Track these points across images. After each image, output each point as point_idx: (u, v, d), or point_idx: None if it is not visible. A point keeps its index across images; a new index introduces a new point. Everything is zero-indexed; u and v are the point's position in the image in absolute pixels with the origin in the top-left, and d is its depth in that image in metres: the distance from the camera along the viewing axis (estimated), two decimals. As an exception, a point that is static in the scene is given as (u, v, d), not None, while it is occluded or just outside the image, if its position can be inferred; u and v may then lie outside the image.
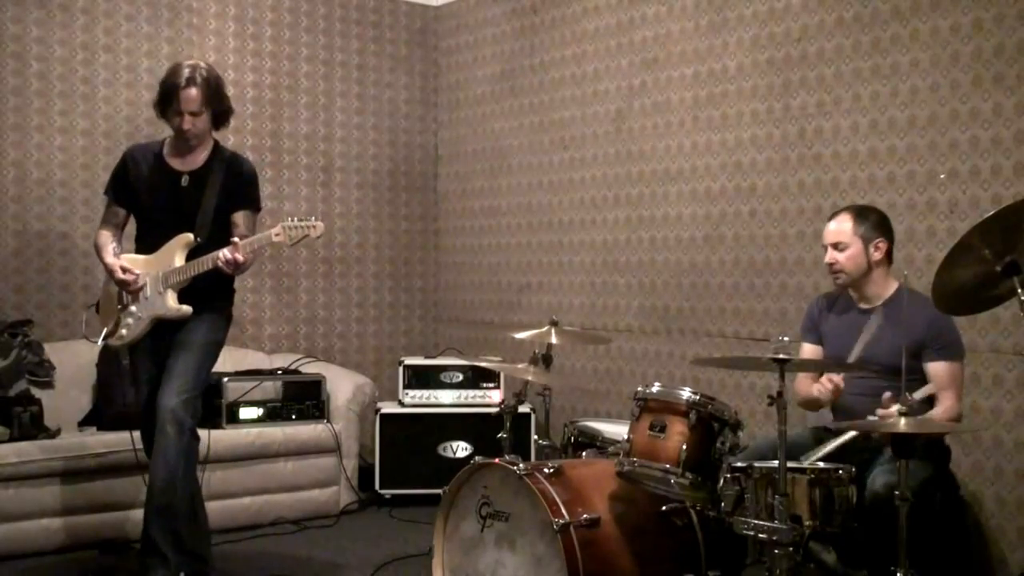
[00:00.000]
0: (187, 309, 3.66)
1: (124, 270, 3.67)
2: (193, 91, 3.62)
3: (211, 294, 3.75)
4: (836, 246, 3.46)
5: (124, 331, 3.72)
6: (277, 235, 3.61)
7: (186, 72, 3.63)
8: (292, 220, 3.63)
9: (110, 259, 3.72)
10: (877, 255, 3.43)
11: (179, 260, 3.66)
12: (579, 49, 5.33)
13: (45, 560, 4.14)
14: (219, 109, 3.74)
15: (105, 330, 3.77)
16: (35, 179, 5.00)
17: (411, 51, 6.19)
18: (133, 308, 3.72)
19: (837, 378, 3.33)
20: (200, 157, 3.77)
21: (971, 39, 3.78)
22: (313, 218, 3.66)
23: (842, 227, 3.46)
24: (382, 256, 6.11)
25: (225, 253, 3.55)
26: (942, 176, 3.85)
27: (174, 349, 3.67)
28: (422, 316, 6.27)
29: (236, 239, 3.60)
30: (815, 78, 4.26)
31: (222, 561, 4.02)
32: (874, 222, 3.46)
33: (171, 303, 3.67)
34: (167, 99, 3.66)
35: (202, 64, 3.72)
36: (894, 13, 4.00)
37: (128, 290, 3.69)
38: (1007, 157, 3.70)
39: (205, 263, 3.61)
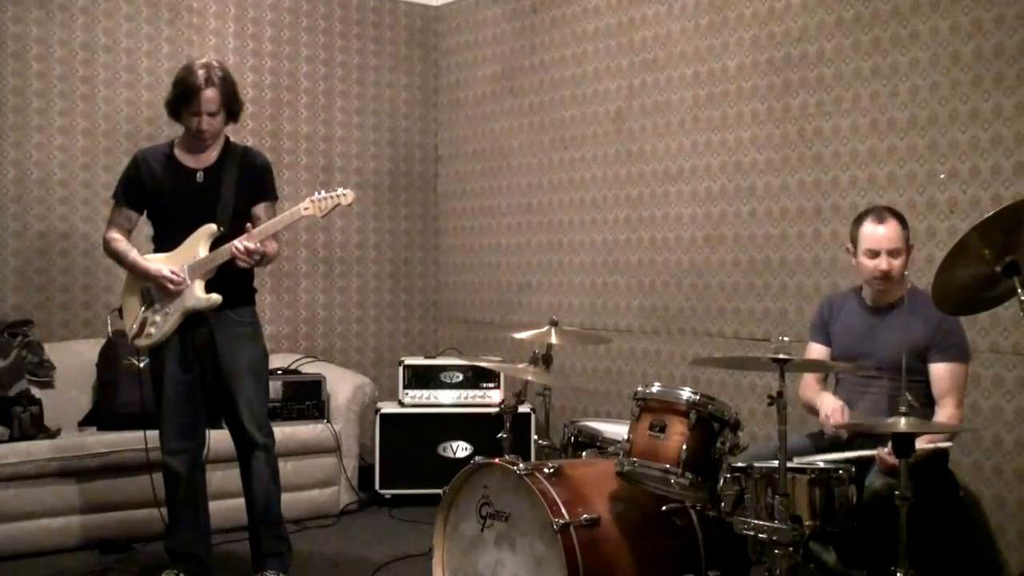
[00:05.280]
0: (216, 298, 3.65)
1: (174, 273, 3.65)
2: (211, 92, 3.62)
3: (239, 290, 3.75)
4: (892, 253, 3.36)
5: (152, 330, 3.70)
6: (306, 208, 3.64)
7: (202, 73, 3.62)
8: (320, 192, 3.67)
9: (153, 266, 3.68)
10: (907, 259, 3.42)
11: (203, 251, 3.65)
12: (579, 49, 5.33)
13: (45, 560, 4.14)
14: (233, 107, 3.75)
15: (133, 329, 3.75)
16: (35, 179, 5.00)
17: (411, 51, 6.20)
18: (159, 305, 3.70)
19: (845, 419, 3.29)
20: (213, 153, 3.77)
21: (971, 39, 3.78)
22: (342, 188, 3.68)
23: (897, 233, 3.36)
24: (382, 256, 6.11)
25: (237, 245, 3.56)
26: (942, 176, 3.85)
27: (232, 379, 3.71)
28: (422, 316, 6.28)
29: (249, 226, 3.62)
30: (815, 78, 4.26)
31: (222, 561, 4.03)
32: (907, 225, 3.42)
33: (200, 293, 3.65)
34: (184, 100, 3.64)
35: (215, 63, 3.71)
36: (894, 13, 4.01)
37: (176, 289, 3.66)
38: (1007, 157, 3.70)
39: (228, 251, 3.61)
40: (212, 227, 3.66)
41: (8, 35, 4.94)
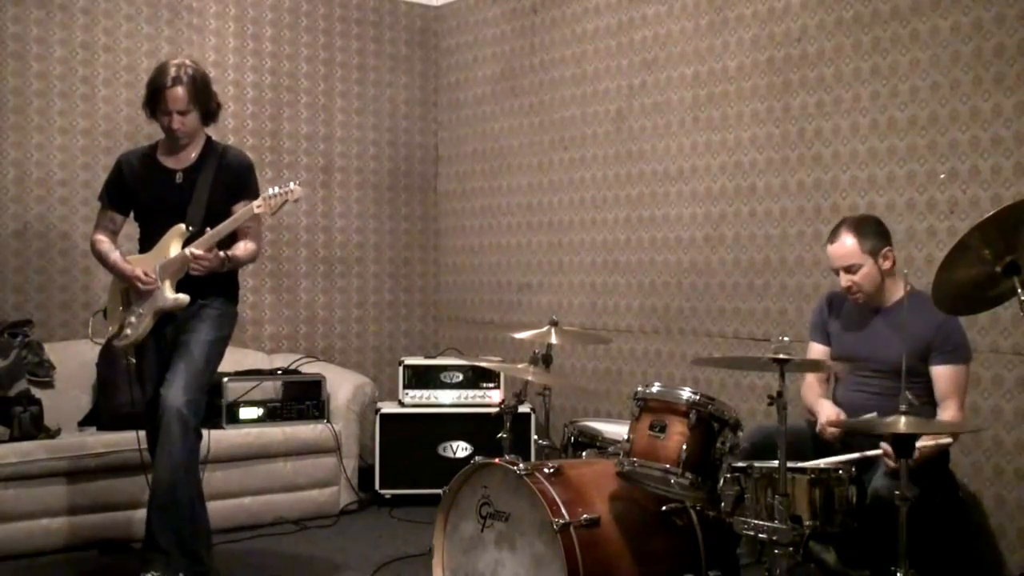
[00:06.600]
0: (184, 298, 3.66)
1: (145, 274, 3.66)
2: (179, 90, 3.63)
3: (212, 286, 3.75)
4: (849, 269, 3.38)
5: (129, 331, 3.73)
6: (259, 207, 3.64)
7: (172, 72, 3.63)
8: (272, 189, 3.66)
9: (128, 266, 3.71)
10: (887, 264, 3.39)
11: (174, 251, 3.67)
12: (579, 49, 5.33)
13: (45, 560, 4.13)
14: (207, 106, 3.74)
15: (111, 331, 3.78)
16: (35, 179, 5.00)
17: (411, 51, 6.20)
18: (135, 306, 3.73)
19: (838, 427, 3.29)
20: (192, 154, 3.78)
21: (971, 39, 3.78)
22: (291, 183, 3.68)
23: (848, 248, 3.37)
24: (382, 256, 6.11)
25: (186, 252, 3.58)
26: (942, 176, 3.85)
27: (178, 348, 3.67)
28: (422, 316, 6.28)
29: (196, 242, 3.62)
30: (815, 78, 4.26)
31: (222, 561, 4.02)
32: (875, 232, 3.39)
33: (168, 294, 3.67)
34: (154, 99, 3.67)
35: (187, 62, 3.72)
36: (894, 13, 4.01)
37: (148, 289, 3.68)
38: (1007, 157, 3.70)
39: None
40: (181, 227, 3.67)
41: (8, 35, 4.94)
